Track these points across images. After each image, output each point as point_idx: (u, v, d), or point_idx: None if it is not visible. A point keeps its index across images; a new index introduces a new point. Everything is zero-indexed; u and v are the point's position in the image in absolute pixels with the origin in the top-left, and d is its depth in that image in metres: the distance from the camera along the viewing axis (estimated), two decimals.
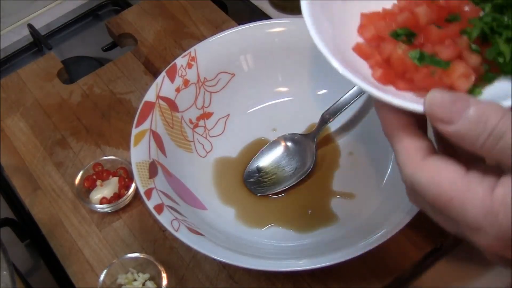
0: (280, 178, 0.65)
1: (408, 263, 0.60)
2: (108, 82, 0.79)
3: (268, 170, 0.66)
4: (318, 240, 0.60)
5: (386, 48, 0.43)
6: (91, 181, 0.69)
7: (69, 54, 0.89)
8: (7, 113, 0.78)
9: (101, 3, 0.96)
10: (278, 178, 0.66)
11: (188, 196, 0.63)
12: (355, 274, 0.59)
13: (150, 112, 0.64)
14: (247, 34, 0.70)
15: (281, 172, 0.66)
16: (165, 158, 0.63)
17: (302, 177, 0.65)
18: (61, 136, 0.75)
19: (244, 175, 0.66)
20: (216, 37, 0.69)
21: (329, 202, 0.64)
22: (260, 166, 0.66)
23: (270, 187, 0.65)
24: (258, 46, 0.70)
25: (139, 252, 0.62)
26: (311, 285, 0.59)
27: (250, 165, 0.67)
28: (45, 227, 0.67)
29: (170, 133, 0.66)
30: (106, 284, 0.60)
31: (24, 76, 0.81)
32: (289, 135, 0.68)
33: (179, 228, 0.55)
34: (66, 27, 0.93)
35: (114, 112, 0.76)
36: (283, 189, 0.65)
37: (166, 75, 0.67)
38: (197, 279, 0.61)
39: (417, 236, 0.61)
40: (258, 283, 0.60)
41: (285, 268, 0.53)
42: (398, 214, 0.54)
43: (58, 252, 0.65)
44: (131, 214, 0.67)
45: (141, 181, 0.59)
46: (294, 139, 0.67)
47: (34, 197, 0.70)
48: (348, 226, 0.60)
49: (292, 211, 0.64)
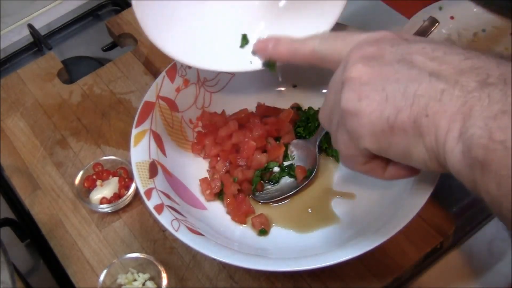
0: (283, 186, 0.65)
1: (408, 263, 0.60)
2: (108, 82, 0.79)
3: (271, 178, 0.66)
4: (318, 240, 0.60)
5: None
6: (91, 181, 0.69)
7: (69, 54, 0.89)
8: (7, 113, 0.78)
9: (101, 3, 0.96)
10: (281, 186, 0.65)
11: (188, 196, 0.63)
12: (355, 274, 0.59)
13: (150, 112, 0.64)
14: None
15: (284, 179, 0.65)
16: (165, 158, 0.63)
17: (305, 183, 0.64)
18: (61, 136, 0.75)
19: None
20: None
21: (329, 202, 0.64)
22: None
23: (273, 193, 0.65)
24: None
25: (139, 252, 0.62)
26: (311, 285, 0.59)
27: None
28: (45, 227, 0.67)
29: (170, 133, 0.66)
30: (106, 284, 0.60)
31: (24, 76, 0.81)
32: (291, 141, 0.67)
33: (179, 228, 0.55)
34: (66, 27, 0.93)
35: (114, 112, 0.76)
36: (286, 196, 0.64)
37: (166, 75, 0.67)
38: (197, 279, 0.61)
39: (417, 236, 0.61)
40: (258, 283, 0.60)
41: (285, 268, 0.53)
42: (398, 214, 0.54)
43: (58, 252, 0.65)
44: (131, 214, 0.67)
45: (141, 181, 0.58)
46: (296, 145, 0.67)
47: (34, 197, 0.70)
48: (348, 226, 0.60)
49: (292, 211, 0.64)
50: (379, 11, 0.86)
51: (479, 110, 0.36)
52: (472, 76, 0.37)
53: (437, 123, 0.38)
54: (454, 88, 0.37)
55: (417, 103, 0.39)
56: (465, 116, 0.37)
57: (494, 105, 0.35)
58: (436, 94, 0.38)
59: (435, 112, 0.38)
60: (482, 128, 0.35)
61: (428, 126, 0.39)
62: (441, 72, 0.39)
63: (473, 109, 0.36)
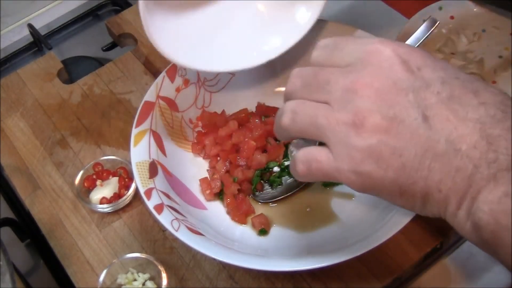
0: (283, 186, 0.65)
1: (408, 263, 0.60)
2: (108, 82, 0.79)
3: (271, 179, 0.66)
4: (318, 240, 0.60)
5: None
6: (91, 181, 0.69)
7: (69, 54, 0.89)
8: (7, 113, 0.78)
9: (101, 3, 0.96)
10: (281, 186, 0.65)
11: (188, 196, 0.63)
12: (355, 274, 0.59)
13: (150, 112, 0.64)
14: None
15: (284, 179, 0.65)
16: (165, 158, 0.63)
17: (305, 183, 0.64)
18: (61, 136, 0.75)
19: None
20: None
21: (329, 202, 0.64)
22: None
23: (273, 193, 0.65)
24: None
25: (139, 252, 0.62)
26: (311, 285, 0.59)
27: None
28: (45, 227, 0.67)
29: (170, 133, 0.66)
30: (106, 284, 0.60)
31: (24, 76, 0.81)
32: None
33: (179, 228, 0.55)
34: (66, 27, 0.93)
35: (114, 112, 0.76)
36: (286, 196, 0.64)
37: (166, 75, 0.67)
38: (197, 279, 0.61)
39: (417, 236, 0.61)
40: (258, 283, 0.60)
41: (285, 268, 0.53)
42: (398, 214, 0.54)
43: (58, 252, 0.65)
44: (131, 214, 0.67)
45: (141, 181, 0.58)
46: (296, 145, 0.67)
47: (34, 197, 0.70)
48: (348, 226, 0.60)
49: (292, 211, 0.64)
50: (379, 11, 0.86)
51: (485, 193, 0.37)
52: (485, 154, 0.37)
53: (448, 199, 0.39)
54: (467, 167, 0.38)
55: (431, 178, 0.39)
56: (473, 198, 0.37)
57: (499, 187, 0.36)
58: (451, 171, 0.38)
59: (448, 189, 0.39)
60: (488, 213, 0.36)
61: (439, 200, 0.40)
62: (456, 142, 0.38)
63: (481, 192, 0.37)
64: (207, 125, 0.68)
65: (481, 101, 0.39)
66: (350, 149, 0.41)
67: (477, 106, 0.39)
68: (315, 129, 0.43)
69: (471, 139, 0.38)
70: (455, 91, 0.39)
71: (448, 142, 0.38)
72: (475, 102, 0.39)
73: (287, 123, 0.45)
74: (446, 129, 0.38)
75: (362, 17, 0.84)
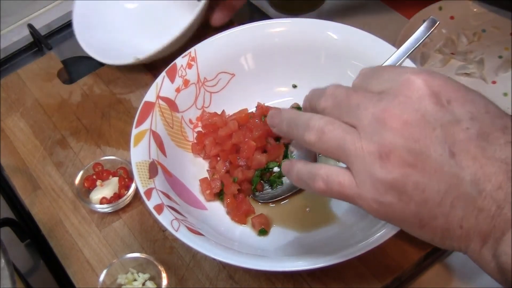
0: (283, 186, 0.65)
1: (408, 263, 0.60)
2: (108, 82, 0.79)
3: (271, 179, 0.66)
4: (318, 240, 0.60)
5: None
6: (91, 181, 0.69)
7: (69, 54, 0.89)
8: (7, 113, 0.78)
9: None
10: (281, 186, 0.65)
11: (188, 196, 0.63)
12: (355, 274, 0.59)
13: (150, 112, 0.64)
14: (247, 34, 0.70)
15: (285, 179, 0.65)
16: (165, 158, 0.63)
17: None
18: (61, 136, 0.75)
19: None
20: (216, 37, 0.69)
21: (329, 202, 0.64)
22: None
23: (273, 193, 0.65)
24: (258, 46, 0.70)
25: (139, 252, 0.62)
26: (311, 285, 0.59)
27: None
28: (45, 227, 0.67)
29: (170, 133, 0.66)
30: (106, 284, 0.60)
31: (24, 76, 0.81)
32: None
33: (179, 228, 0.55)
34: (66, 27, 0.92)
35: (114, 112, 0.76)
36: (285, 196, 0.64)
37: (166, 75, 0.67)
38: (197, 279, 0.61)
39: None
40: (258, 283, 0.60)
41: (285, 268, 0.53)
42: None
43: (58, 252, 0.65)
44: (131, 214, 0.67)
45: (141, 181, 0.58)
46: (296, 145, 0.67)
47: (34, 197, 0.70)
48: (348, 226, 0.60)
49: (292, 211, 0.64)
50: (379, 11, 0.86)
51: (509, 235, 0.37)
52: (510, 195, 0.37)
53: (470, 237, 0.39)
54: (491, 207, 0.37)
55: (453, 215, 0.39)
56: (498, 239, 0.37)
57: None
58: (474, 210, 0.38)
59: (470, 227, 0.39)
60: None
61: (460, 236, 0.39)
62: (481, 182, 0.38)
63: (505, 234, 0.37)
64: (207, 126, 0.68)
65: (509, 140, 0.38)
66: (374, 179, 0.41)
67: (505, 145, 0.38)
68: (340, 152, 0.43)
69: (496, 179, 0.37)
70: (484, 128, 0.39)
71: (473, 181, 0.38)
72: (503, 141, 0.38)
73: (313, 140, 0.45)
74: (472, 167, 0.38)
75: (362, 17, 0.84)
